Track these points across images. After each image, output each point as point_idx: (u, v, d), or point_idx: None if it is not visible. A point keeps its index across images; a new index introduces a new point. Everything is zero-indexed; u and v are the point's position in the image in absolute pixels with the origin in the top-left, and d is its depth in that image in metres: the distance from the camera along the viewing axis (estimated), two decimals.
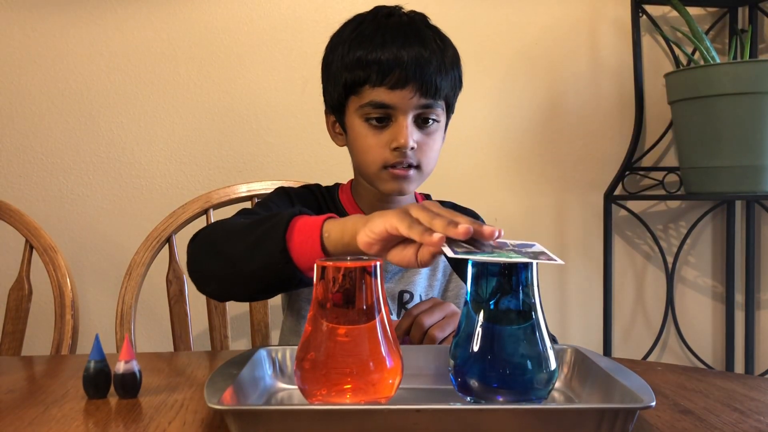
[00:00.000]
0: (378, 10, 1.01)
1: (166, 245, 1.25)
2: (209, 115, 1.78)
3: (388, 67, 0.93)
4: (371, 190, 1.03)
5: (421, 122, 0.97)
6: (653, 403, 0.51)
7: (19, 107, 1.72)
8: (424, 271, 1.06)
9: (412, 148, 0.95)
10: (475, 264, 0.61)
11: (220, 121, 1.79)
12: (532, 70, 1.90)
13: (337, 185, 1.13)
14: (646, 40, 1.94)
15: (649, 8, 1.90)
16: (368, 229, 0.67)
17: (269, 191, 1.33)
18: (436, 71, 0.95)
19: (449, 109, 1.03)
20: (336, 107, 1.02)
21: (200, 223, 1.28)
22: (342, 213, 1.06)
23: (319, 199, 1.09)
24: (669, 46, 1.92)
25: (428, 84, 0.94)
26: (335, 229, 0.71)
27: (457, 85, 1.02)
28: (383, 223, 0.66)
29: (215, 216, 1.28)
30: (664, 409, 0.63)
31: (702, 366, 1.96)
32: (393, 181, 0.97)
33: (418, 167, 0.97)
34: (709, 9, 1.96)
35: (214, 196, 1.29)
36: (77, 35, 1.73)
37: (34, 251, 1.22)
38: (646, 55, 1.93)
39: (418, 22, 1.00)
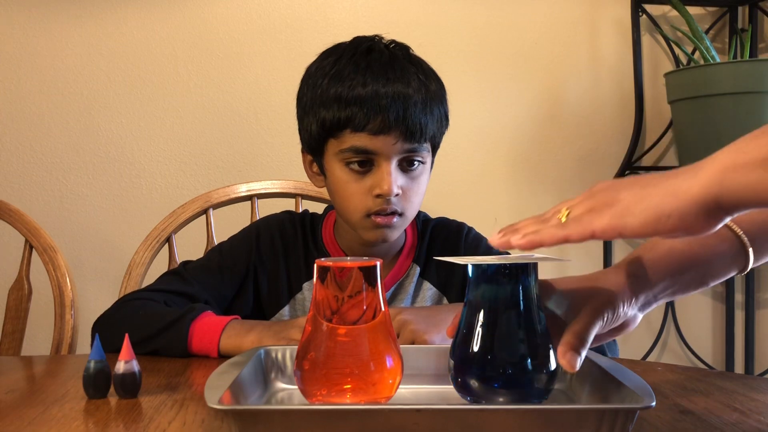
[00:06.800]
0: (358, 44, 0.94)
1: (166, 245, 1.25)
2: (209, 115, 1.78)
3: (371, 111, 0.88)
4: (353, 233, 0.98)
5: (406, 165, 0.92)
6: (653, 403, 0.51)
7: (19, 107, 1.72)
8: (407, 303, 1.03)
9: (396, 195, 0.90)
10: (476, 264, 0.61)
11: (220, 121, 1.79)
12: (532, 70, 1.90)
13: (324, 214, 1.07)
14: (646, 40, 1.93)
15: (649, 7, 1.89)
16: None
17: (269, 191, 1.33)
18: (421, 112, 0.90)
19: (435, 149, 0.98)
20: (314, 148, 0.96)
21: (200, 223, 1.29)
22: (323, 253, 1.02)
23: (298, 234, 1.04)
24: (669, 46, 1.92)
25: (413, 128, 0.89)
26: (232, 348, 0.84)
27: (443, 123, 0.96)
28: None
29: (215, 216, 1.29)
30: (664, 409, 0.63)
31: (702, 366, 1.96)
32: (376, 230, 0.93)
33: (401, 214, 0.93)
34: (709, 8, 1.96)
35: (214, 196, 1.29)
36: (77, 35, 1.73)
37: (33, 251, 1.22)
38: (645, 54, 1.93)
39: (399, 57, 0.94)
